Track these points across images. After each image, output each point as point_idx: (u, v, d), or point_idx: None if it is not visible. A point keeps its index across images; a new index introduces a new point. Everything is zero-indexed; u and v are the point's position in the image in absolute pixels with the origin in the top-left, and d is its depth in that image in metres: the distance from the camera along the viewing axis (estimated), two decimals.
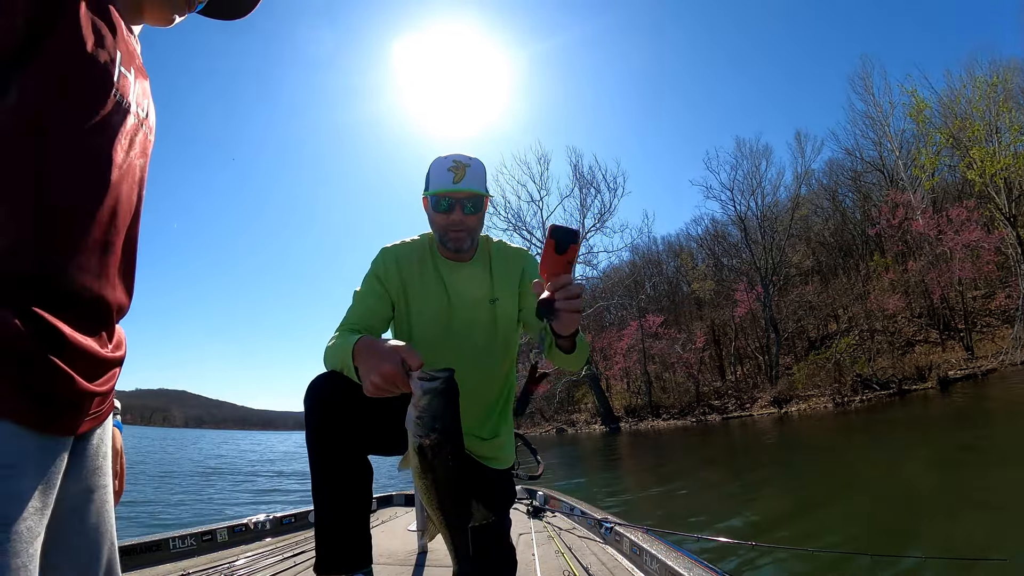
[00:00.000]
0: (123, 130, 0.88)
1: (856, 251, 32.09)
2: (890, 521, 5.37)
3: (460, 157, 1.69)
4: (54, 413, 0.80)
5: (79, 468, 0.91)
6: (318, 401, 1.56)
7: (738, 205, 32.66)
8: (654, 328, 33.63)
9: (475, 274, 1.80)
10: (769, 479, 9.47)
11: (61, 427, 0.82)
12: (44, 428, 0.79)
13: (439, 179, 1.67)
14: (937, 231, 24.00)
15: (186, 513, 8.69)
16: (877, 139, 30.41)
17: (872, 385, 22.47)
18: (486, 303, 1.78)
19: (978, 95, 24.57)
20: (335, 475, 1.58)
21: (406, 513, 4.02)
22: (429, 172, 1.71)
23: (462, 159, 1.68)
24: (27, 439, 0.76)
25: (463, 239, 1.71)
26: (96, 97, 0.82)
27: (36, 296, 0.75)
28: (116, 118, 0.86)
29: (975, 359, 21.21)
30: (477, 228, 1.76)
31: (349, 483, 1.61)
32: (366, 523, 1.67)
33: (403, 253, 1.80)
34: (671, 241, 41.81)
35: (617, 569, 2.40)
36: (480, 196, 1.70)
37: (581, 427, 34.18)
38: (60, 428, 0.82)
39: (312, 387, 1.59)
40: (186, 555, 2.69)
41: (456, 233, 1.69)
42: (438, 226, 1.72)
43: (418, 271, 1.78)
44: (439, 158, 1.71)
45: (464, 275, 1.79)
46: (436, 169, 1.69)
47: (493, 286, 1.80)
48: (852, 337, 25.79)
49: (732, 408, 27.75)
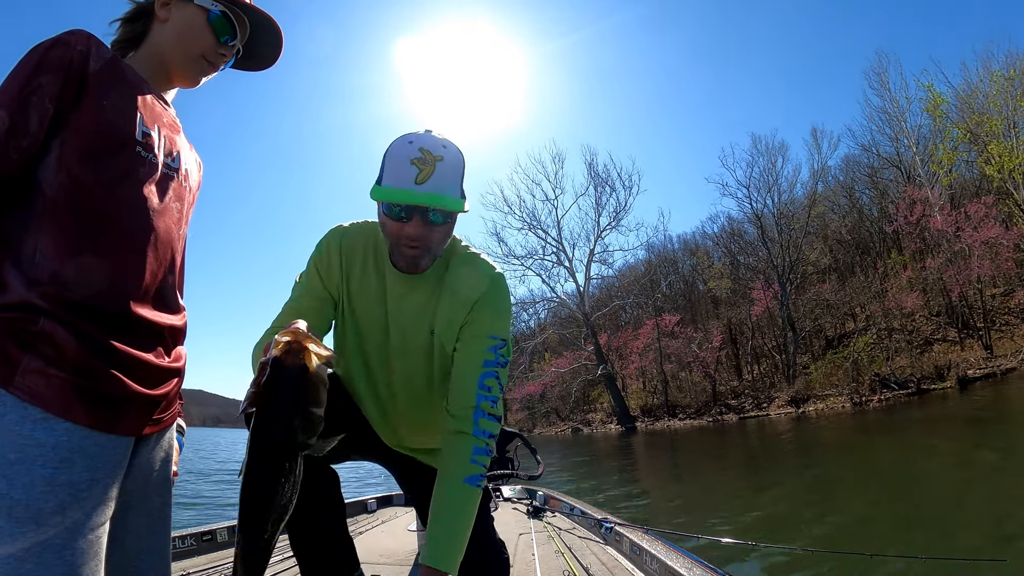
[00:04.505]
0: (152, 179, 1.00)
1: (873, 248, 31.68)
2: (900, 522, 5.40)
3: (430, 143, 1.22)
4: (113, 416, 0.90)
5: (140, 469, 1.01)
6: None
7: (754, 202, 32.42)
8: (670, 327, 33.43)
9: (419, 297, 1.39)
10: (783, 480, 9.50)
11: (121, 428, 0.92)
12: (104, 428, 0.88)
13: (397, 174, 1.20)
14: (955, 228, 23.60)
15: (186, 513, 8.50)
16: (894, 135, 29.92)
17: (890, 384, 22.25)
18: (425, 331, 1.40)
19: (995, 89, 24.16)
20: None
21: (406, 513, 4.02)
22: (385, 158, 1.24)
23: (432, 147, 1.21)
24: (85, 437, 0.85)
25: (418, 257, 1.27)
26: (120, 155, 0.95)
27: (90, 317, 0.88)
28: (143, 170, 0.98)
29: (994, 358, 20.87)
30: (440, 244, 1.30)
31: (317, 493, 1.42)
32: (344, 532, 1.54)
33: (351, 241, 1.42)
34: (687, 239, 41.37)
35: (617, 569, 2.40)
36: (450, 210, 1.24)
37: (597, 427, 34.14)
38: (120, 429, 0.92)
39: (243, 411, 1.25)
40: (186, 555, 2.69)
41: (411, 249, 1.25)
42: (389, 234, 1.27)
43: (359, 269, 1.41)
44: (403, 140, 1.24)
45: (406, 289, 1.39)
46: (396, 157, 1.22)
47: (435, 318, 1.39)
48: (870, 336, 25.52)
49: (749, 408, 27.58)
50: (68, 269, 0.87)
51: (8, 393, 0.81)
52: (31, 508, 0.78)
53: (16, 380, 0.81)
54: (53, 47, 0.91)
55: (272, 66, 1.26)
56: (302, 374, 0.91)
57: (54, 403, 0.82)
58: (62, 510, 0.80)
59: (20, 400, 0.81)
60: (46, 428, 0.81)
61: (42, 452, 0.80)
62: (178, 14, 1.08)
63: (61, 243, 0.88)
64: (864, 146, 31.84)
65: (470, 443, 1.26)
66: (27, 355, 0.82)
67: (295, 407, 0.91)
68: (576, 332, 37.00)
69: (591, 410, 37.22)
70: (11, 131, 0.85)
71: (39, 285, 0.85)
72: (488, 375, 1.32)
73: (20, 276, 0.85)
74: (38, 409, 0.81)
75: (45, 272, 0.86)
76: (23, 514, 0.78)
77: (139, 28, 1.10)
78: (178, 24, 1.08)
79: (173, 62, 1.10)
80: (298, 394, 0.91)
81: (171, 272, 1.05)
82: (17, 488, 0.78)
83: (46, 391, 0.82)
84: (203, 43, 1.10)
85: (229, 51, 1.15)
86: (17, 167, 0.87)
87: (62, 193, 0.89)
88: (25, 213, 0.88)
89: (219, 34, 1.11)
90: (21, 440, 0.79)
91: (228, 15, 1.12)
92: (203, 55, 1.11)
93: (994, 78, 24.47)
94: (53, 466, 0.81)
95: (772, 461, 12.56)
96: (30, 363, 0.82)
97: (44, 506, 0.79)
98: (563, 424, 36.91)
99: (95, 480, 0.86)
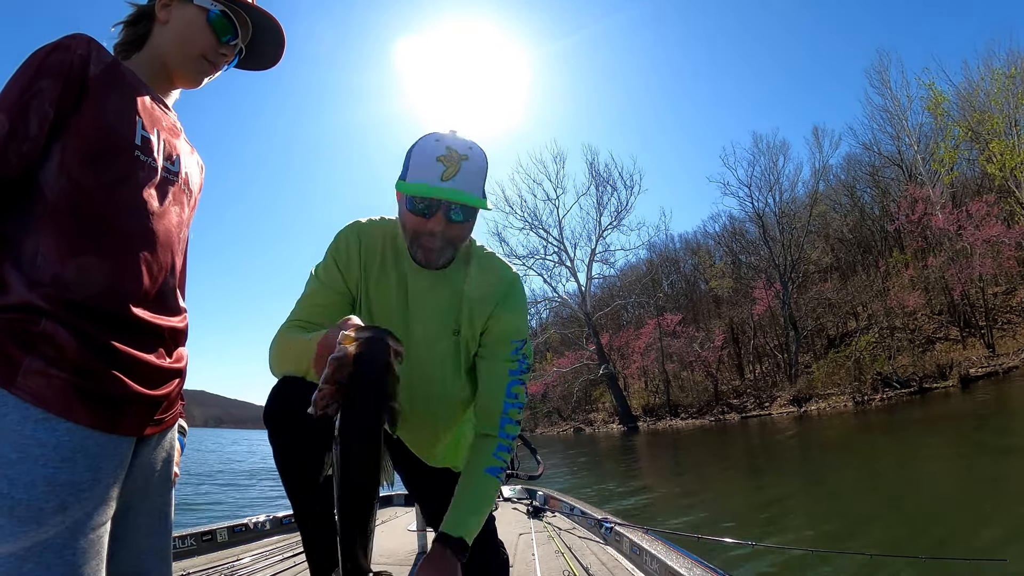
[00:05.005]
0: (152, 183, 1.01)
1: (875, 247, 31.67)
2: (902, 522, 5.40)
3: (456, 143, 1.26)
4: (114, 416, 0.90)
5: (141, 469, 1.01)
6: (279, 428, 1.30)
7: (756, 201, 32.46)
8: (672, 326, 33.50)
9: (441, 296, 1.40)
10: (785, 480, 9.52)
11: (122, 428, 0.92)
12: (105, 429, 0.89)
13: (422, 171, 1.23)
14: (957, 226, 23.61)
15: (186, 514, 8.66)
16: (895, 133, 29.93)
17: (892, 383, 22.25)
18: (449, 332, 1.42)
19: (996, 87, 24.17)
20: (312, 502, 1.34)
21: (406, 513, 4.03)
22: (411, 153, 1.27)
23: (458, 147, 1.25)
24: (86, 437, 0.86)
25: (437, 251, 1.29)
26: (119, 159, 0.95)
27: (91, 318, 0.88)
28: (142, 174, 0.99)
29: (996, 356, 20.88)
30: (461, 241, 1.33)
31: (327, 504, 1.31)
32: None
33: (369, 238, 1.41)
34: (688, 238, 41.47)
35: (617, 569, 2.39)
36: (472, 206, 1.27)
37: (599, 426, 34.14)
38: (121, 429, 0.92)
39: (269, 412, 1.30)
40: (186, 555, 2.68)
41: (429, 242, 1.28)
42: (409, 229, 1.29)
43: (378, 266, 1.41)
44: (429, 137, 1.27)
45: (429, 286, 1.39)
46: (421, 154, 1.25)
47: (459, 317, 1.41)
48: (872, 335, 25.51)
49: (751, 407, 27.61)
50: (69, 271, 0.87)
51: (10, 394, 0.81)
52: (32, 508, 0.78)
53: (18, 381, 0.81)
54: (54, 51, 0.91)
55: (275, 65, 1.26)
56: (387, 370, 0.92)
57: (55, 403, 0.82)
58: (63, 510, 0.81)
59: (22, 400, 0.81)
60: (47, 428, 0.81)
61: (43, 452, 0.80)
62: (178, 15, 1.09)
63: (62, 245, 0.88)
64: (865, 145, 31.93)
65: (495, 442, 1.37)
66: (28, 356, 0.82)
67: (381, 401, 0.92)
68: (578, 332, 37.04)
69: (593, 410, 37.24)
70: (11, 135, 0.86)
71: (40, 286, 0.85)
72: (515, 383, 1.40)
73: (21, 277, 0.86)
74: (39, 409, 0.81)
75: (46, 273, 0.86)
76: (24, 513, 0.78)
77: (141, 30, 1.10)
78: (178, 25, 1.09)
79: (174, 63, 1.10)
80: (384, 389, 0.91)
81: (171, 274, 1.05)
82: (19, 488, 0.78)
83: (47, 391, 0.82)
84: (203, 43, 1.10)
85: (230, 51, 1.15)
86: (17, 171, 0.87)
87: (63, 196, 0.89)
88: (26, 215, 0.89)
89: (219, 33, 1.11)
90: (23, 440, 0.80)
91: (228, 14, 1.12)
92: (203, 55, 1.11)
93: (995, 76, 24.50)
94: (54, 466, 0.81)
95: (774, 461, 12.59)
96: (32, 364, 0.82)
97: (45, 506, 0.79)
98: (565, 424, 36.90)
99: (97, 480, 0.86)
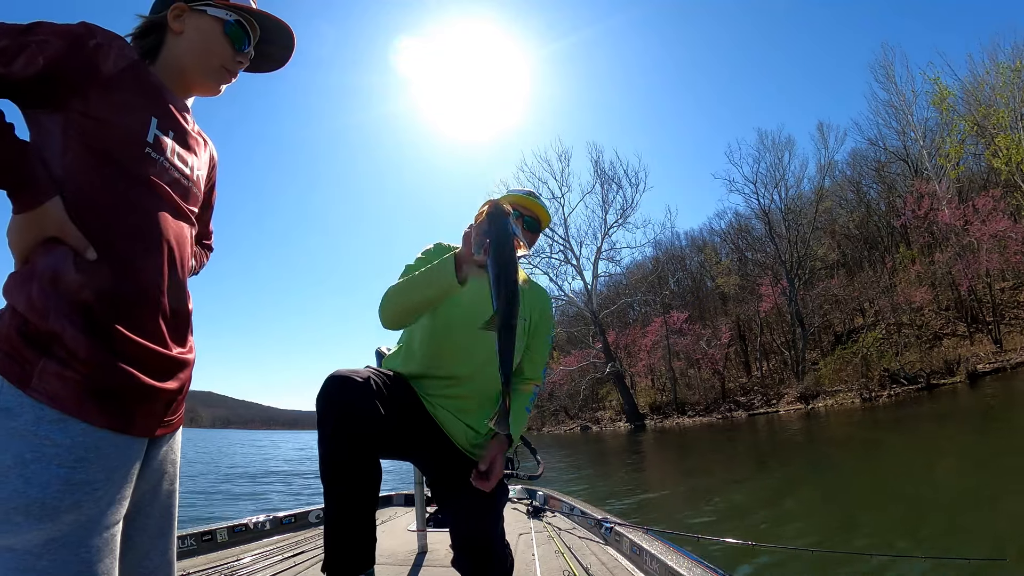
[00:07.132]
0: (162, 181, 1.01)
1: (882, 243, 31.56)
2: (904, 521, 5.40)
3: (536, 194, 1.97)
4: (127, 417, 0.91)
5: (151, 470, 1.03)
6: (332, 405, 1.50)
7: (761, 198, 32.35)
8: (678, 324, 33.53)
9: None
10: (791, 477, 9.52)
11: (135, 429, 0.94)
12: (119, 429, 0.90)
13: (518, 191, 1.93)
14: (963, 221, 23.49)
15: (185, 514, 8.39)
16: (900, 128, 29.81)
17: (900, 380, 22.19)
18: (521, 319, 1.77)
19: (1002, 82, 23.98)
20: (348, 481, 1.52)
21: (406, 513, 4.00)
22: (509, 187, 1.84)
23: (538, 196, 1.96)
24: (101, 438, 0.87)
25: None
26: (130, 156, 0.96)
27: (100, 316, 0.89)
28: (152, 171, 0.99)
29: (1004, 352, 20.76)
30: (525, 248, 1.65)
31: (361, 488, 1.55)
32: (373, 525, 1.62)
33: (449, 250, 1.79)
34: (694, 236, 41.61)
35: (617, 569, 2.39)
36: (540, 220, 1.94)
37: (606, 424, 34.23)
38: (134, 430, 0.93)
39: (325, 392, 1.52)
40: (186, 555, 2.68)
41: None
42: None
43: None
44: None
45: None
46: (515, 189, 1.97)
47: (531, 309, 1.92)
48: (879, 331, 25.45)
49: (758, 404, 27.57)
50: (78, 269, 0.88)
51: (25, 395, 0.82)
52: (47, 506, 0.80)
53: (33, 382, 0.83)
54: (76, 27, 0.93)
55: (284, 66, 1.28)
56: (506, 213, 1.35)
57: (70, 404, 0.84)
58: (78, 508, 0.82)
59: (37, 402, 0.82)
60: (62, 429, 0.83)
61: (58, 452, 0.82)
62: (193, 26, 1.09)
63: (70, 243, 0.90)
64: (871, 140, 31.83)
65: (534, 385, 1.97)
66: (43, 357, 0.84)
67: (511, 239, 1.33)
68: (584, 330, 37.06)
69: (600, 408, 37.37)
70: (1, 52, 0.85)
71: (51, 286, 0.87)
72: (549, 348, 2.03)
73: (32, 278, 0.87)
74: (54, 411, 0.83)
75: (57, 273, 0.87)
76: (40, 512, 0.80)
77: (152, 42, 1.09)
78: (194, 36, 1.09)
79: (192, 73, 1.11)
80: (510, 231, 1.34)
81: (179, 271, 1.06)
82: (34, 487, 0.80)
83: (62, 392, 0.84)
84: (222, 53, 1.12)
85: (246, 58, 1.17)
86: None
87: (71, 194, 0.89)
88: None
89: (236, 43, 1.13)
90: (37, 440, 0.81)
91: (243, 23, 1.14)
92: (223, 65, 1.13)
93: (1001, 70, 24.30)
94: (69, 465, 0.83)
95: (781, 459, 12.52)
96: (47, 365, 0.84)
97: (60, 504, 0.81)
98: (572, 422, 37.04)
99: (110, 480, 0.88)
